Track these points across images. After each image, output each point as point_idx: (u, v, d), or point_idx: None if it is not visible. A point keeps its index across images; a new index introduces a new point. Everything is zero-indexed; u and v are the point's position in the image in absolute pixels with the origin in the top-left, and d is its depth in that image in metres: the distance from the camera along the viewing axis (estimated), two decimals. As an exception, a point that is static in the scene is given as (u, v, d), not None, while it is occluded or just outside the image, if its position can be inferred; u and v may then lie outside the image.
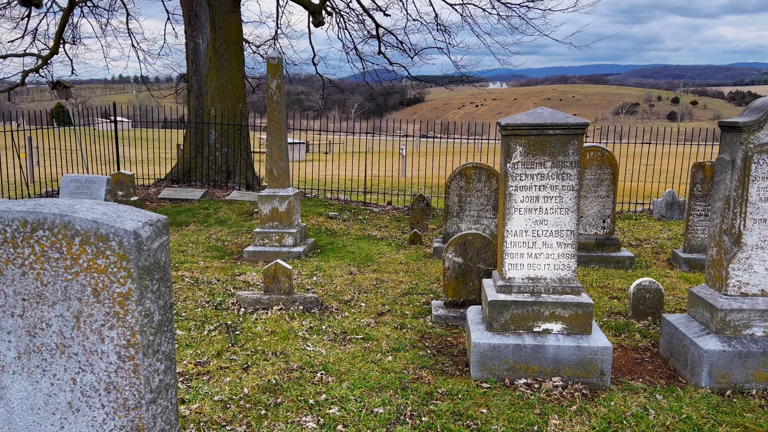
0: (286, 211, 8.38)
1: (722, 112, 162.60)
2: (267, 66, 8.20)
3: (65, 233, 1.67)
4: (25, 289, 1.73)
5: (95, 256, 1.68)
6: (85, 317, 1.73)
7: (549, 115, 4.34)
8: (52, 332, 1.74)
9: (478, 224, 8.34)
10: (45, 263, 1.70)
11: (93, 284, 1.70)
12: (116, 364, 1.74)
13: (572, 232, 4.41)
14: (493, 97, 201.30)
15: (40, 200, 1.75)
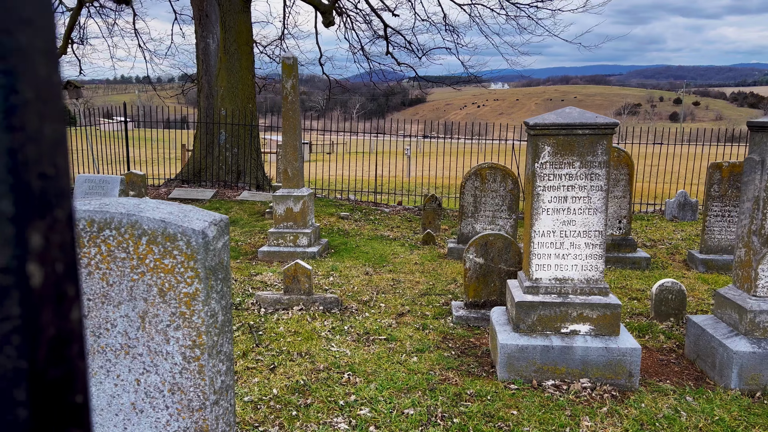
0: (300, 212, 8.36)
1: (724, 112, 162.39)
2: (282, 66, 8.18)
3: (132, 233, 1.66)
4: (90, 289, 1.72)
5: (162, 256, 1.67)
6: (150, 318, 1.71)
7: (578, 114, 4.32)
8: (117, 333, 1.73)
9: (493, 225, 8.32)
10: (111, 263, 1.69)
11: (159, 284, 1.69)
12: (181, 365, 1.72)
13: (600, 233, 4.39)
14: (495, 98, 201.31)
15: (104, 199, 1.74)
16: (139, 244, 1.68)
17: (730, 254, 7.79)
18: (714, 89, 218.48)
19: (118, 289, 1.71)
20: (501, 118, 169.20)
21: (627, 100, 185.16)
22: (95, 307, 1.73)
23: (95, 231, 1.68)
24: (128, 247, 1.68)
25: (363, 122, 36.53)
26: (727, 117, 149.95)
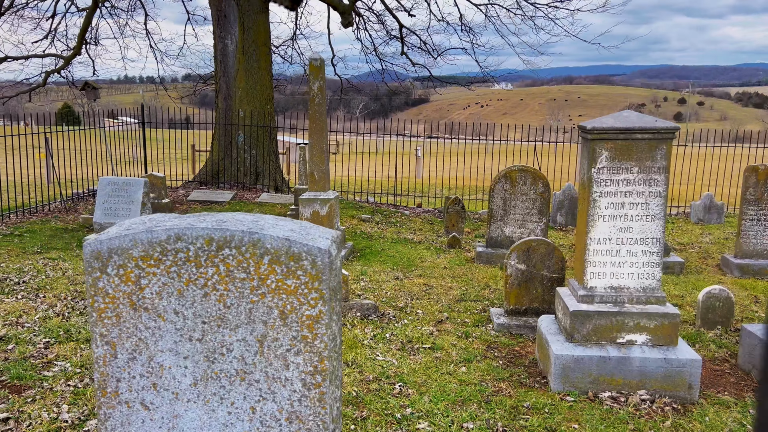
0: (327, 215, 8.25)
1: (729, 113, 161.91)
2: (309, 67, 8.07)
3: (253, 252, 1.55)
4: (207, 312, 1.61)
5: (285, 276, 1.56)
6: (269, 342, 1.60)
7: (636, 118, 4.20)
8: (233, 358, 1.62)
9: (523, 228, 8.20)
10: (230, 284, 1.58)
11: (281, 306, 1.58)
12: (301, 392, 1.61)
13: (659, 240, 4.27)
14: (499, 98, 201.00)
15: (221, 215, 1.63)
16: (260, 264, 1.57)
17: (766, 259, 7.67)
18: (718, 89, 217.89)
19: (235, 312, 1.60)
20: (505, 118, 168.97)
21: (631, 101, 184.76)
22: (210, 330, 1.62)
23: (214, 250, 1.57)
24: (249, 267, 1.57)
25: (366, 122, 36.40)
26: (732, 117, 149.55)
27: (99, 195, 8.70)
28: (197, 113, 23.80)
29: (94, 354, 1.65)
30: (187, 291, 1.60)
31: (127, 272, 1.60)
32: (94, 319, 1.65)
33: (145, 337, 1.63)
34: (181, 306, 1.62)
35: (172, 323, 1.62)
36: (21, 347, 4.55)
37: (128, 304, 1.62)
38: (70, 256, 7.57)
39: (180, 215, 1.69)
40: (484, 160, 20.77)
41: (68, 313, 5.42)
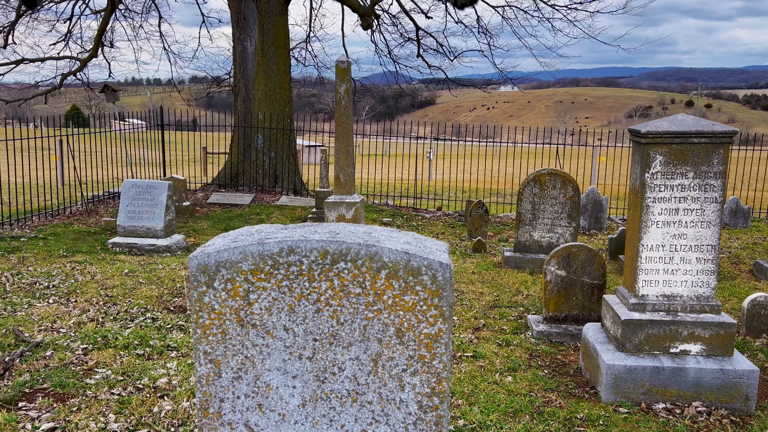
0: (353, 219, 8.16)
1: (737, 115, 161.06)
2: (336, 70, 7.99)
3: (370, 266, 1.45)
4: (318, 328, 1.52)
5: (402, 292, 1.46)
6: (384, 361, 1.50)
7: (692, 122, 4.10)
8: (345, 377, 1.52)
9: (552, 233, 8.09)
10: (344, 299, 1.48)
11: (397, 324, 1.48)
12: (416, 415, 1.52)
13: (714, 247, 4.16)
14: (504, 100, 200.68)
15: (332, 226, 1.53)
16: (377, 279, 1.47)
17: (802, 265, 7.53)
18: (726, 91, 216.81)
19: (349, 329, 1.51)
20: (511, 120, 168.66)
21: (638, 103, 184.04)
22: (322, 348, 1.53)
23: (328, 263, 1.48)
24: (364, 282, 1.48)
25: (372, 124, 36.33)
26: (740, 120, 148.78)
27: (123, 198, 8.64)
28: (203, 115, 23.77)
29: (196, 373, 1.56)
30: (298, 306, 1.51)
31: (235, 287, 1.51)
32: (198, 336, 1.56)
33: (252, 355, 1.54)
34: (292, 322, 1.52)
35: (282, 340, 1.53)
36: (60, 354, 4.47)
37: (235, 320, 1.53)
38: (96, 260, 7.50)
39: (287, 226, 1.60)
40: (492, 162, 20.65)
41: (102, 318, 5.34)
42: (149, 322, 5.30)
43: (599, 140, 22.57)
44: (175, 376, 4.19)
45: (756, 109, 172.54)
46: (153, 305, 5.79)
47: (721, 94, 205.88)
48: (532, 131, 18.65)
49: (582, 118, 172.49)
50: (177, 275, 6.88)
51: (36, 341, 4.64)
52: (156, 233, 8.50)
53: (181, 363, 4.41)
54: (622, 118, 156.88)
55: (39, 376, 4.08)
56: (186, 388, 3.99)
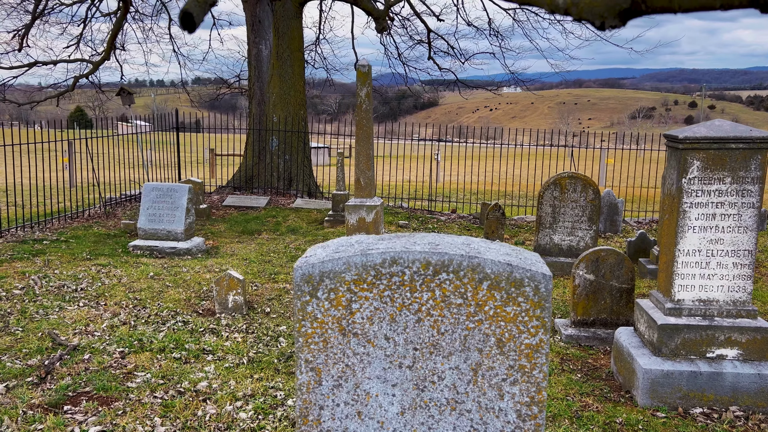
0: (373, 221, 8.20)
1: (741, 116, 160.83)
2: (357, 74, 8.03)
3: (472, 276, 1.48)
4: (419, 338, 1.54)
5: (504, 303, 1.49)
6: (484, 370, 1.53)
7: (730, 127, 4.12)
8: (444, 386, 1.55)
9: (572, 236, 8.11)
10: (444, 309, 1.51)
11: (498, 334, 1.51)
12: (515, 424, 1.54)
13: (750, 252, 4.18)
14: (508, 101, 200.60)
15: (431, 237, 1.56)
16: (479, 290, 1.50)
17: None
18: (729, 92, 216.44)
19: (449, 339, 1.53)
20: (514, 122, 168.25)
21: (641, 104, 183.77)
22: (422, 357, 1.55)
23: (430, 274, 1.51)
24: (466, 293, 1.50)
25: (375, 126, 36.36)
26: (744, 121, 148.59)
27: (143, 201, 8.68)
28: (207, 116, 23.75)
29: (297, 380, 1.59)
30: (399, 316, 1.54)
31: (338, 296, 1.54)
32: (300, 344, 1.59)
33: (353, 364, 1.57)
34: (393, 332, 1.55)
35: (382, 349, 1.56)
36: (98, 357, 4.51)
37: (337, 329, 1.56)
38: (120, 263, 7.55)
39: (383, 236, 1.62)
40: (499, 164, 20.67)
41: (134, 321, 5.38)
42: (181, 326, 5.33)
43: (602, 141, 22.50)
44: (214, 379, 4.22)
45: (759, 110, 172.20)
46: (182, 308, 5.83)
47: (724, 95, 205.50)
48: (538, 133, 18.68)
49: (585, 120, 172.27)
50: (202, 278, 6.92)
51: (73, 344, 4.68)
52: (177, 236, 8.54)
53: (219, 366, 4.44)
54: (626, 120, 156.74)
55: (81, 380, 4.12)
56: (227, 391, 4.03)
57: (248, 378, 4.27)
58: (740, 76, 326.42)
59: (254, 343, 4.98)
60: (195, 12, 1.07)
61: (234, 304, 5.82)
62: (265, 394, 4.01)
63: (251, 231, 10.15)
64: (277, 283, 6.98)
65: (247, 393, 4.01)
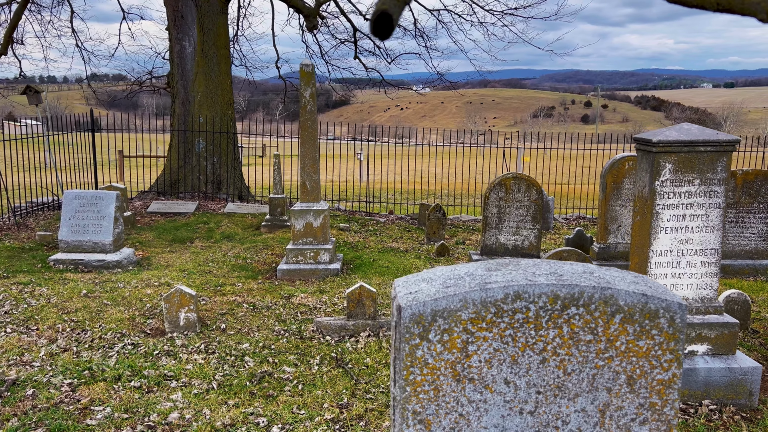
0: (320, 226, 7.94)
1: (630, 115, 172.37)
2: (300, 73, 7.74)
3: (604, 310, 1.35)
4: (543, 380, 1.39)
5: (637, 337, 1.37)
6: (612, 411, 1.40)
7: (698, 131, 4.25)
8: (569, 431, 1.40)
9: (517, 235, 8.23)
10: (572, 347, 1.37)
11: (629, 371, 1.38)
12: (642, 466, 1.42)
13: (717, 251, 4.34)
14: (417, 101, 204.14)
15: (550, 265, 1.41)
16: (610, 324, 1.36)
17: (744, 259, 8.09)
18: (620, 93, 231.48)
19: (576, 379, 1.39)
20: (424, 120, 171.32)
21: (541, 103, 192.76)
22: (545, 401, 1.40)
23: (558, 309, 1.35)
24: (596, 328, 1.36)
25: (285, 124, 35.75)
26: (633, 119, 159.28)
27: (64, 210, 7.94)
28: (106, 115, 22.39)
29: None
30: (521, 357, 1.38)
31: (452, 338, 1.35)
32: (407, 394, 1.38)
33: (467, 413, 1.39)
34: (514, 375, 1.38)
35: (501, 395, 1.38)
36: (44, 392, 4.01)
37: (451, 374, 1.37)
38: (43, 280, 6.84)
39: (495, 266, 1.45)
40: (423, 163, 20.84)
41: (75, 347, 4.86)
42: (131, 349, 4.87)
43: (506, 139, 23.36)
44: (185, 408, 3.86)
45: (646, 109, 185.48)
46: (128, 329, 5.34)
47: (615, 95, 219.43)
48: (450, 132, 19.05)
49: (491, 119, 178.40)
50: (143, 294, 6.40)
51: (11, 378, 4.13)
52: (105, 248, 7.88)
53: (186, 394, 4.07)
54: (528, 118, 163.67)
55: (30, 420, 3.63)
56: (203, 422, 3.68)
57: (223, 405, 3.93)
58: (628, 78, 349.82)
59: (218, 364, 4.62)
60: (394, 12, 0.86)
61: (186, 322, 5.40)
62: (246, 422, 3.71)
63: (183, 239, 9.57)
64: (225, 296, 6.58)
65: (226, 422, 3.69)
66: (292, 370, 4.59)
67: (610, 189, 8.08)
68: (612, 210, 8.13)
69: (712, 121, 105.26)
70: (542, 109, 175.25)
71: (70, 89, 75.23)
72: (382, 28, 0.84)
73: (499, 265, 1.46)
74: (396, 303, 1.42)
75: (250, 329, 5.53)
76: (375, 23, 0.84)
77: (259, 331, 5.50)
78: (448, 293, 1.35)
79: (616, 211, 8.13)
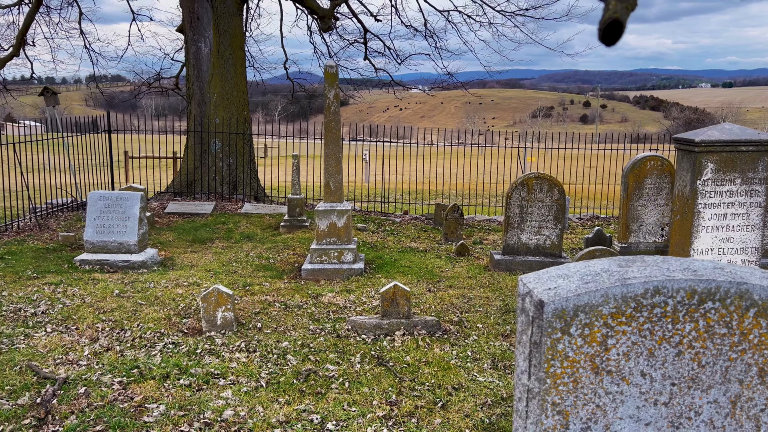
0: (344, 226, 7.99)
1: (629, 115, 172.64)
2: (324, 75, 7.79)
3: (739, 304, 1.40)
4: (677, 372, 1.44)
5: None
6: (743, 402, 1.45)
7: (739, 131, 4.31)
8: (701, 422, 1.46)
9: (539, 235, 8.29)
10: (707, 341, 1.42)
11: (761, 363, 1.43)
12: (769, 454, 1.47)
13: (757, 249, 4.40)
14: (417, 101, 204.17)
15: (682, 261, 1.46)
16: (744, 318, 1.41)
17: None
18: (618, 93, 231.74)
19: (710, 371, 1.44)
20: (423, 121, 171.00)
21: (540, 104, 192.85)
22: (679, 392, 1.45)
23: (695, 303, 1.40)
24: (731, 322, 1.42)
25: (286, 124, 35.81)
26: (632, 119, 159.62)
27: (89, 211, 7.98)
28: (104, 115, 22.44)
29: (542, 425, 1.43)
30: (658, 350, 1.43)
31: (593, 332, 1.40)
32: (547, 386, 1.43)
33: (604, 404, 1.44)
34: (650, 367, 1.43)
35: (637, 387, 1.44)
36: (96, 390, 4.05)
37: (589, 367, 1.42)
38: (73, 280, 6.88)
39: (627, 262, 1.50)
40: (416, 162, 20.85)
41: (118, 346, 4.90)
42: (172, 348, 4.92)
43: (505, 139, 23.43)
44: (237, 406, 3.90)
45: (645, 109, 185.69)
46: (166, 328, 5.38)
47: (614, 95, 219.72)
48: (450, 132, 19.14)
49: (489, 119, 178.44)
50: (175, 294, 6.44)
51: (61, 377, 4.18)
52: (129, 248, 7.92)
53: (236, 392, 4.12)
54: (527, 118, 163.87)
55: (88, 418, 3.67)
56: (258, 419, 3.73)
57: (273, 402, 3.98)
58: (626, 78, 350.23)
59: (262, 362, 4.67)
60: (624, 20, 0.91)
61: (223, 321, 5.45)
62: (299, 419, 3.76)
63: (203, 239, 9.61)
64: (255, 295, 6.62)
65: (280, 419, 3.74)
66: (334, 368, 4.64)
67: (632, 188, 8.14)
68: (633, 209, 8.19)
69: (711, 120, 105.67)
70: (541, 110, 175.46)
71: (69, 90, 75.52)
72: (611, 35, 0.89)
73: (628, 261, 1.51)
74: (534, 299, 1.47)
75: (285, 328, 5.58)
76: (605, 31, 0.89)
77: (295, 329, 5.55)
78: (589, 289, 1.40)
79: (637, 211, 8.19)
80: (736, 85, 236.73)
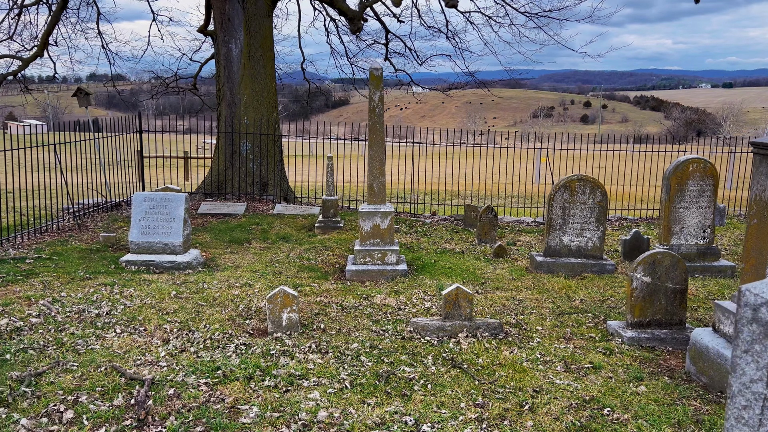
0: (387, 228, 8.02)
1: (629, 115, 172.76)
2: (369, 77, 7.82)
3: None
4: None
5: None
6: None
7: (819, 137, 4.35)
8: None
9: (581, 237, 8.32)
10: None
11: None
12: None
13: (834, 254, 4.43)
14: (417, 100, 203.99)
15: None
16: None
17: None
18: (619, 93, 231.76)
19: None
20: (424, 121, 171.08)
21: (542, 104, 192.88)
22: None
23: None
24: None
25: (287, 124, 35.73)
26: (632, 119, 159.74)
27: (134, 212, 8.02)
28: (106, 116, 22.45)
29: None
30: None
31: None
32: None
33: None
34: None
35: None
36: (186, 391, 4.08)
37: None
38: (124, 281, 6.92)
39: None
40: (420, 162, 20.84)
41: (192, 347, 4.93)
42: (244, 349, 4.95)
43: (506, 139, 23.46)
44: (329, 407, 3.94)
45: (645, 109, 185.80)
46: (232, 330, 5.42)
47: (614, 95, 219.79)
48: (452, 132, 19.20)
49: (490, 119, 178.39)
50: (231, 295, 6.48)
51: (148, 378, 4.21)
52: (174, 249, 7.95)
53: (323, 393, 4.15)
54: (528, 118, 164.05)
55: (186, 419, 3.71)
56: (353, 420, 3.77)
57: (363, 404, 4.02)
58: (627, 78, 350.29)
59: (338, 364, 4.70)
60: None
61: (288, 322, 5.48)
62: (394, 421, 3.79)
63: (239, 240, 9.64)
64: (308, 297, 6.66)
65: (376, 421, 3.77)
66: (411, 369, 4.67)
67: (674, 191, 8.18)
68: (675, 211, 8.23)
69: (712, 121, 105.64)
70: (542, 110, 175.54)
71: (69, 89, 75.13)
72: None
73: None
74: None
75: (348, 329, 5.62)
76: None
77: (358, 331, 5.58)
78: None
79: (679, 213, 8.23)
80: (736, 86, 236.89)
